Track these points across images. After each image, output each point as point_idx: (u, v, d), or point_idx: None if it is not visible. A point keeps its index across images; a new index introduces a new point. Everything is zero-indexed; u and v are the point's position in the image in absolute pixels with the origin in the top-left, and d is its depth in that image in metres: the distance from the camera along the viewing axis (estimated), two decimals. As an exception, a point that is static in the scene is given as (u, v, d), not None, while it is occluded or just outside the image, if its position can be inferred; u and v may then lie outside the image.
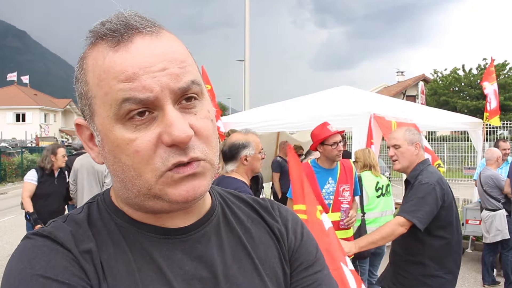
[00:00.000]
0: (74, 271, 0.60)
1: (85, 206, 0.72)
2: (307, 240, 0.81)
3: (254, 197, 0.85)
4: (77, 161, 5.13)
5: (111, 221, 0.69)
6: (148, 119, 0.61)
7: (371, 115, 5.18)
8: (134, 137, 0.61)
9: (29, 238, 0.64)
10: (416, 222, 2.46)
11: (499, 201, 5.37)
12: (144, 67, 0.60)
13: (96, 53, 0.63)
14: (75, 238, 0.64)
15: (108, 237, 0.67)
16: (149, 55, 0.61)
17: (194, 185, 0.63)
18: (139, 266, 0.65)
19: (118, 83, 0.60)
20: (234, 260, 0.72)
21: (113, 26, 0.62)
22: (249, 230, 0.77)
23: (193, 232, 0.71)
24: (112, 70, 0.60)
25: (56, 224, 0.67)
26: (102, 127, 0.63)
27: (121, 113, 0.60)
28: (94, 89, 0.63)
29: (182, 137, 0.60)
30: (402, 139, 2.73)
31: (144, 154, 0.61)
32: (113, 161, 0.64)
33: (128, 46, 0.61)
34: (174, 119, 0.60)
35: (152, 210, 0.67)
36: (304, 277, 0.76)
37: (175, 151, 0.61)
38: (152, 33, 0.63)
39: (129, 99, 0.59)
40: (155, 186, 0.62)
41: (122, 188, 0.66)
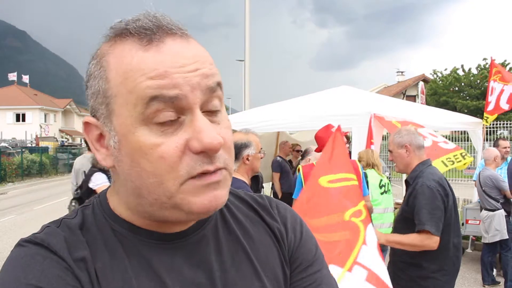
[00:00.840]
0: (68, 280, 0.59)
1: (79, 210, 0.70)
2: (306, 238, 0.79)
3: (252, 194, 0.84)
4: (77, 162, 5.15)
5: (107, 226, 0.67)
6: (176, 124, 0.59)
7: (371, 115, 5.17)
8: (160, 142, 0.58)
9: (22, 246, 0.62)
10: (434, 231, 2.46)
11: (498, 201, 5.37)
12: (176, 66, 0.58)
13: (121, 51, 0.60)
14: (69, 245, 0.62)
15: (103, 244, 0.65)
16: (181, 56, 0.59)
17: (216, 195, 0.61)
18: (136, 273, 0.63)
19: (147, 80, 0.57)
20: (233, 264, 0.70)
21: (145, 25, 0.60)
22: (249, 232, 0.76)
23: (192, 235, 0.69)
24: (141, 68, 0.58)
25: (49, 230, 0.65)
26: (122, 128, 0.60)
27: (147, 113, 0.57)
28: (116, 88, 0.59)
29: (214, 144, 0.58)
30: (392, 143, 2.79)
31: (170, 160, 0.58)
32: (130, 166, 0.60)
33: (159, 46, 0.59)
34: (204, 125, 0.58)
35: (163, 220, 0.65)
36: (303, 277, 0.75)
37: (202, 159, 0.59)
38: (182, 36, 0.62)
39: (157, 97, 0.57)
40: (176, 194, 0.59)
41: (135, 195, 0.63)
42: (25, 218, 10.43)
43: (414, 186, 2.62)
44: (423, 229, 2.48)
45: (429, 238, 2.47)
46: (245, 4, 11.41)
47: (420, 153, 2.75)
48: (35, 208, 12.16)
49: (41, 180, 21.86)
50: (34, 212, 11.37)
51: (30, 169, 22.04)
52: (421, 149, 2.76)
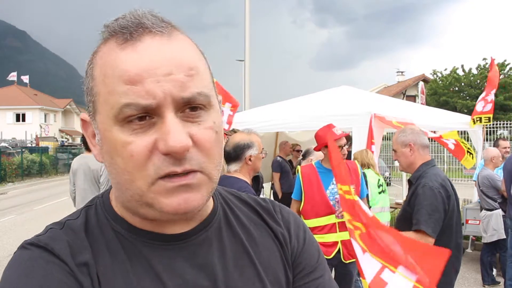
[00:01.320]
0: (70, 285, 0.59)
1: (83, 211, 0.70)
2: (309, 244, 0.80)
3: (255, 197, 0.83)
4: (75, 162, 5.16)
5: (109, 228, 0.67)
6: (147, 124, 0.59)
7: (372, 115, 5.17)
8: (130, 141, 0.59)
9: (26, 249, 0.63)
10: (430, 233, 2.46)
11: (496, 201, 5.38)
12: (149, 69, 0.57)
13: (106, 49, 0.61)
14: (72, 249, 0.63)
15: (105, 247, 0.65)
16: (155, 57, 0.58)
17: (186, 198, 0.60)
18: (137, 276, 0.63)
19: (122, 84, 0.58)
20: (235, 267, 0.70)
21: (124, 23, 0.60)
22: (252, 235, 0.75)
23: (194, 237, 0.69)
24: (116, 69, 0.59)
25: (52, 233, 0.65)
26: (102, 125, 0.62)
27: (120, 117, 0.59)
28: (99, 86, 0.61)
29: (177, 147, 0.57)
30: (396, 142, 2.78)
31: (138, 159, 0.59)
32: (110, 162, 0.62)
33: (136, 45, 0.59)
34: (171, 127, 0.58)
35: (146, 218, 0.65)
36: (306, 283, 0.75)
37: (170, 160, 0.59)
38: (163, 34, 0.60)
39: (131, 104, 0.57)
40: (147, 193, 0.60)
41: (118, 190, 0.65)
42: (25, 218, 10.42)
43: (417, 186, 2.61)
44: (419, 228, 2.48)
45: (424, 238, 2.47)
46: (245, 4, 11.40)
47: (424, 153, 2.74)
48: (35, 208, 12.15)
49: (41, 180, 21.86)
50: (34, 212, 11.36)
51: (30, 169, 22.03)
52: (425, 148, 2.74)
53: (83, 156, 5.19)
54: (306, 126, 6.17)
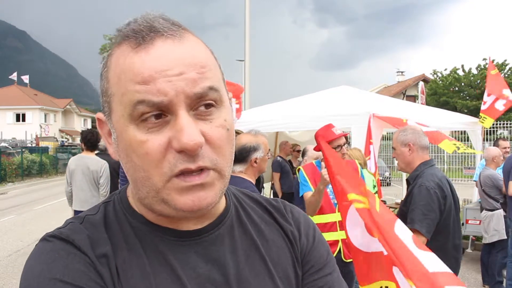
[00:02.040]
0: (91, 275, 0.61)
1: (102, 206, 0.73)
2: (318, 243, 0.82)
3: (267, 198, 0.86)
4: (72, 162, 5.14)
5: (126, 223, 0.69)
6: (162, 123, 0.61)
7: (370, 115, 5.18)
8: (146, 139, 0.61)
9: (48, 241, 0.65)
10: (424, 232, 2.46)
11: (498, 201, 5.34)
12: (161, 70, 0.60)
13: (119, 53, 0.64)
14: (92, 241, 0.65)
15: (123, 241, 0.67)
16: (167, 58, 0.61)
17: (200, 196, 0.63)
18: (154, 270, 0.66)
19: (134, 84, 0.60)
20: (247, 262, 0.72)
21: (137, 27, 0.63)
22: (263, 232, 0.78)
23: (207, 234, 0.71)
24: (130, 71, 0.61)
25: (73, 226, 0.68)
26: (118, 125, 0.64)
27: (134, 115, 0.61)
28: (114, 87, 0.64)
29: (190, 144, 0.59)
30: (396, 141, 2.79)
31: (154, 157, 0.61)
32: (126, 160, 0.65)
33: (148, 48, 0.61)
34: (184, 125, 0.60)
35: (161, 214, 0.67)
36: (315, 280, 0.77)
37: (184, 158, 0.61)
38: (174, 37, 0.63)
39: (143, 101, 0.60)
40: (162, 190, 0.62)
41: (134, 187, 0.67)
42: (25, 218, 10.41)
43: (413, 186, 2.62)
44: (412, 227, 2.47)
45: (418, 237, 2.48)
46: (245, 4, 11.40)
47: (423, 154, 2.74)
48: (35, 208, 12.15)
49: (41, 180, 21.86)
50: (34, 212, 11.36)
51: (30, 169, 22.03)
52: (424, 149, 2.75)
53: (81, 156, 5.16)
54: (306, 126, 6.18)
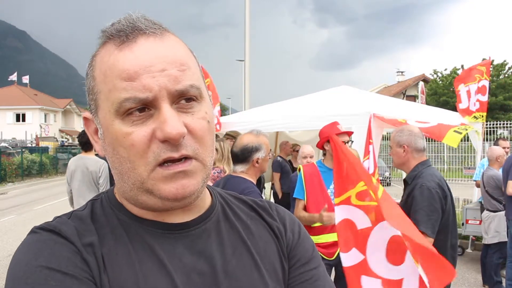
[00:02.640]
0: (76, 262, 0.63)
1: (89, 203, 0.75)
2: (304, 238, 0.84)
3: (253, 198, 0.88)
4: (72, 163, 5.15)
5: (114, 216, 0.71)
6: (146, 116, 0.64)
7: (371, 115, 5.17)
8: (131, 131, 0.64)
9: (35, 233, 0.67)
10: (430, 233, 2.47)
11: (501, 203, 5.28)
12: (145, 66, 0.63)
13: (104, 52, 0.67)
14: (79, 232, 0.67)
15: (110, 231, 0.69)
16: (150, 55, 0.64)
17: (183, 184, 0.66)
18: (140, 258, 0.67)
19: (121, 81, 0.64)
20: (233, 255, 0.74)
21: (120, 27, 0.66)
22: (249, 227, 0.80)
23: (194, 227, 0.73)
24: (116, 68, 0.64)
25: (61, 220, 0.70)
26: (104, 120, 0.67)
27: (121, 110, 0.64)
28: (100, 85, 0.67)
29: (173, 133, 0.62)
30: (392, 141, 2.82)
31: (139, 147, 0.64)
32: (112, 153, 0.68)
33: (131, 46, 0.65)
34: (168, 116, 0.63)
35: (146, 206, 0.69)
36: (301, 273, 0.79)
37: (167, 147, 0.64)
38: (156, 35, 0.66)
39: (130, 98, 0.63)
40: (147, 180, 0.65)
41: (120, 180, 0.69)
42: (25, 218, 10.42)
43: (414, 186, 2.61)
44: (418, 229, 2.47)
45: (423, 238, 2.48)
46: (245, 4, 11.40)
47: (419, 156, 2.74)
48: (35, 208, 12.16)
49: (41, 180, 21.86)
50: (34, 212, 11.37)
51: (30, 169, 22.03)
52: (420, 152, 2.74)
53: (81, 157, 5.17)
54: (306, 126, 6.17)
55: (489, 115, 21.04)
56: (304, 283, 0.78)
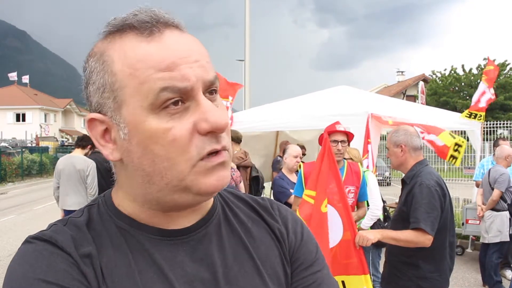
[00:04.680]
0: (74, 275, 0.61)
1: (86, 209, 0.72)
2: (307, 239, 0.81)
3: (254, 196, 0.85)
4: (61, 162, 5.20)
5: (112, 223, 0.69)
6: (182, 109, 0.62)
7: (369, 115, 5.18)
8: (170, 126, 0.61)
9: (30, 242, 0.64)
10: (429, 231, 2.47)
11: (506, 201, 5.25)
12: (182, 57, 0.62)
13: (123, 45, 0.63)
14: (75, 242, 0.64)
15: (108, 240, 0.67)
16: (182, 46, 0.63)
17: (223, 175, 0.65)
18: (140, 268, 0.65)
19: (157, 72, 0.60)
20: (235, 261, 0.72)
21: (144, 18, 0.63)
22: (250, 230, 0.77)
23: (194, 233, 0.71)
24: (149, 60, 0.61)
25: (56, 228, 0.67)
26: (133, 117, 0.62)
27: (158, 103, 0.61)
28: (125, 80, 0.62)
29: (222, 122, 0.62)
30: (389, 141, 2.83)
31: (181, 142, 0.61)
32: (142, 154, 0.63)
33: (161, 37, 0.62)
34: (209, 107, 0.63)
35: (169, 206, 0.67)
36: (304, 277, 0.76)
37: (210, 139, 0.63)
38: (178, 29, 0.66)
39: (168, 88, 0.60)
40: (188, 176, 0.63)
41: (146, 183, 0.65)
42: (25, 218, 10.43)
43: (413, 185, 2.62)
44: (418, 227, 2.49)
45: (423, 235, 2.49)
46: (245, 3, 11.40)
47: (416, 154, 2.75)
48: (35, 208, 12.16)
49: (41, 180, 21.84)
50: (34, 212, 11.37)
51: (30, 169, 22.02)
52: (417, 150, 2.75)
53: (70, 156, 5.21)
54: (305, 126, 6.18)
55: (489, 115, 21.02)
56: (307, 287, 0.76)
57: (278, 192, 4.18)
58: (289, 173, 4.35)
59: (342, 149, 3.46)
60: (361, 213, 3.66)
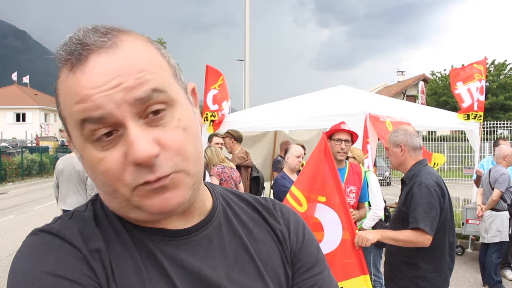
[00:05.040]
0: (83, 270, 0.60)
1: (89, 204, 0.72)
2: (308, 241, 0.81)
3: (256, 196, 0.85)
4: (60, 162, 5.19)
5: (116, 219, 0.68)
6: (115, 138, 0.60)
7: (367, 115, 5.18)
8: (102, 157, 0.61)
9: (37, 235, 0.63)
10: (428, 230, 2.47)
11: (506, 202, 5.25)
12: (96, 86, 0.59)
13: (62, 77, 0.63)
14: (83, 236, 0.64)
15: (115, 236, 0.66)
16: (102, 73, 0.59)
17: (166, 198, 0.62)
18: (145, 266, 0.65)
19: (75, 105, 0.60)
20: (236, 262, 0.72)
21: (70, 48, 0.61)
22: (251, 232, 0.77)
23: (195, 233, 0.71)
24: (70, 93, 0.61)
25: (62, 222, 0.66)
26: (78, 146, 0.64)
27: (85, 134, 0.61)
28: (64, 111, 0.64)
29: (141, 157, 0.58)
30: (388, 141, 2.83)
31: (114, 172, 0.61)
32: (92, 176, 0.65)
33: (83, 67, 0.60)
34: (134, 138, 0.59)
35: (139, 220, 0.67)
36: (305, 279, 0.76)
37: (143, 169, 0.60)
38: (107, 49, 0.60)
39: (86, 119, 0.59)
40: (131, 198, 0.62)
41: (107, 200, 0.67)
42: (25, 218, 10.43)
43: (412, 185, 2.62)
44: (417, 227, 2.49)
45: (422, 235, 2.49)
46: (245, 3, 11.40)
47: (416, 154, 2.75)
48: (35, 208, 12.16)
49: (41, 180, 21.83)
50: (34, 212, 11.37)
51: (30, 169, 22.00)
52: (417, 150, 2.75)
53: (70, 156, 5.19)
54: (304, 125, 6.18)
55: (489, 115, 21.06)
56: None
57: (279, 191, 4.19)
58: (290, 173, 4.36)
59: (345, 148, 3.46)
60: (362, 213, 3.67)
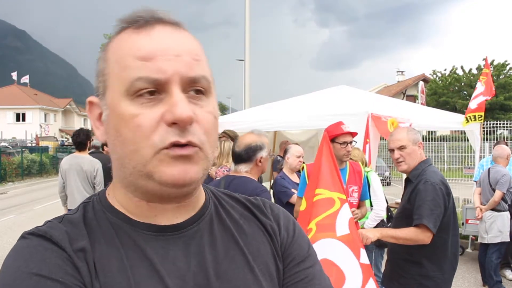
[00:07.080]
0: (67, 269, 0.62)
1: (81, 206, 0.73)
2: (299, 236, 0.82)
3: (247, 196, 0.87)
4: (65, 162, 5.13)
5: (105, 219, 0.70)
6: (155, 100, 0.64)
7: (369, 115, 5.18)
8: (138, 113, 0.64)
9: (25, 238, 0.66)
10: (431, 227, 2.47)
11: (506, 202, 5.25)
12: (161, 49, 0.64)
13: (121, 36, 0.68)
14: (70, 237, 0.66)
15: (101, 236, 0.68)
16: (167, 40, 0.65)
17: (185, 168, 0.65)
18: (132, 263, 0.66)
19: (135, 61, 0.64)
20: (226, 256, 0.73)
21: (140, 14, 0.68)
22: (242, 227, 0.79)
23: (186, 229, 0.72)
24: (132, 48, 0.65)
25: (51, 224, 0.69)
26: (112, 101, 0.67)
27: (131, 90, 0.64)
28: (112, 65, 0.67)
29: (183, 116, 0.62)
30: (407, 139, 2.70)
31: (145, 129, 0.63)
32: (115, 135, 0.66)
33: (149, 31, 0.66)
34: (178, 100, 0.63)
35: (143, 193, 0.68)
36: (296, 272, 0.77)
37: (175, 131, 0.63)
38: (172, 25, 0.68)
39: (142, 78, 0.63)
40: (150, 162, 0.64)
41: (120, 166, 0.68)
42: (25, 218, 10.43)
43: (417, 183, 2.62)
44: (421, 223, 2.49)
45: (423, 232, 2.49)
46: (245, 3, 11.40)
47: (423, 152, 2.78)
48: (35, 208, 12.16)
49: (41, 179, 21.84)
50: (34, 212, 11.37)
51: (30, 169, 22.01)
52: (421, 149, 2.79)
53: (75, 156, 5.14)
54: (304, 125, 6.17)
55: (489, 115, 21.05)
56: (299, 283, 0.76)
57: (279, 191, 4.18)
58: (290, 173, 4.35)
59: (350, 150, 3.46)
60: (363, 212, 3.68)
